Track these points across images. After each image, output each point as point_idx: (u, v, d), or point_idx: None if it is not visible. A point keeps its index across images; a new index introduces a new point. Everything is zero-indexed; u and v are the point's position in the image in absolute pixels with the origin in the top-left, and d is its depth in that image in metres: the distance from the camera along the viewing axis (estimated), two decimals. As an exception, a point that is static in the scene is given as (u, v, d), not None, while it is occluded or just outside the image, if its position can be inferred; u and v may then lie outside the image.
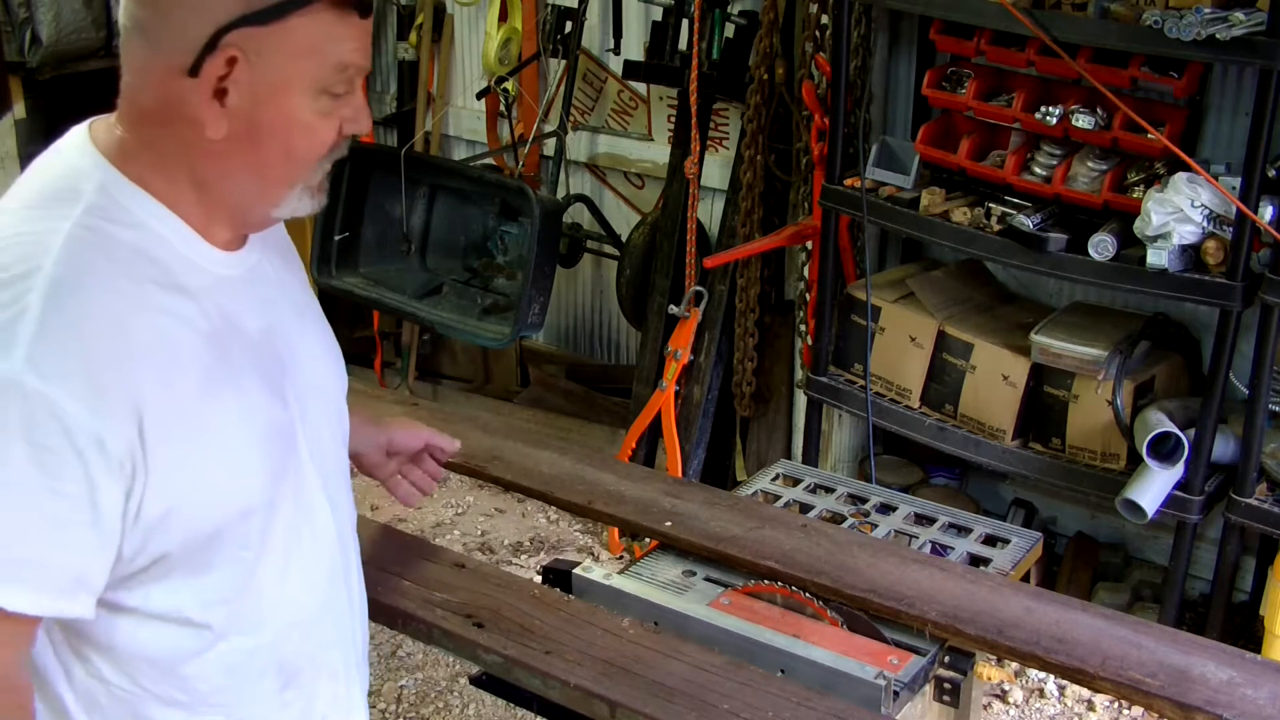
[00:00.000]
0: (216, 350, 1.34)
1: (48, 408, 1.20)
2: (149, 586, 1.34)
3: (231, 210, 1.38)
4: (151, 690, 1.39)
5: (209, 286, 1.36)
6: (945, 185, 3.32)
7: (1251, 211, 2.74)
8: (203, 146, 1.32)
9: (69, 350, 1.22)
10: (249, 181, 1.35)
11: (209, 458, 1.32)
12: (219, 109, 1.29)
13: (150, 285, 1.30)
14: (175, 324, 1.31)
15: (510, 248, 4.43)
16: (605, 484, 2.31)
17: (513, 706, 2.67)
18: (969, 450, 3.36)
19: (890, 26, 3.71)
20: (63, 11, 4.66)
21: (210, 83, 1.28)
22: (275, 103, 1.30)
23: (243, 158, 1.33)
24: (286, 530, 1.44)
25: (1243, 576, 3.38)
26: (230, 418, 1.35)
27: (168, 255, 1.33)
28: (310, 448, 1.48)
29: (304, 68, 1.30)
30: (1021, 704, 3.27)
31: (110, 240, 1.29)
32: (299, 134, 1.33)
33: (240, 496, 1.37)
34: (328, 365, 1.56)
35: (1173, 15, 2.67)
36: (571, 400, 4.71)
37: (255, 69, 1.28)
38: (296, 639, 1.49)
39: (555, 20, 4.33)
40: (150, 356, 1.27)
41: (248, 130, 1.31)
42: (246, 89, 1.29)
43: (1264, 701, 1.70)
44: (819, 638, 1.89)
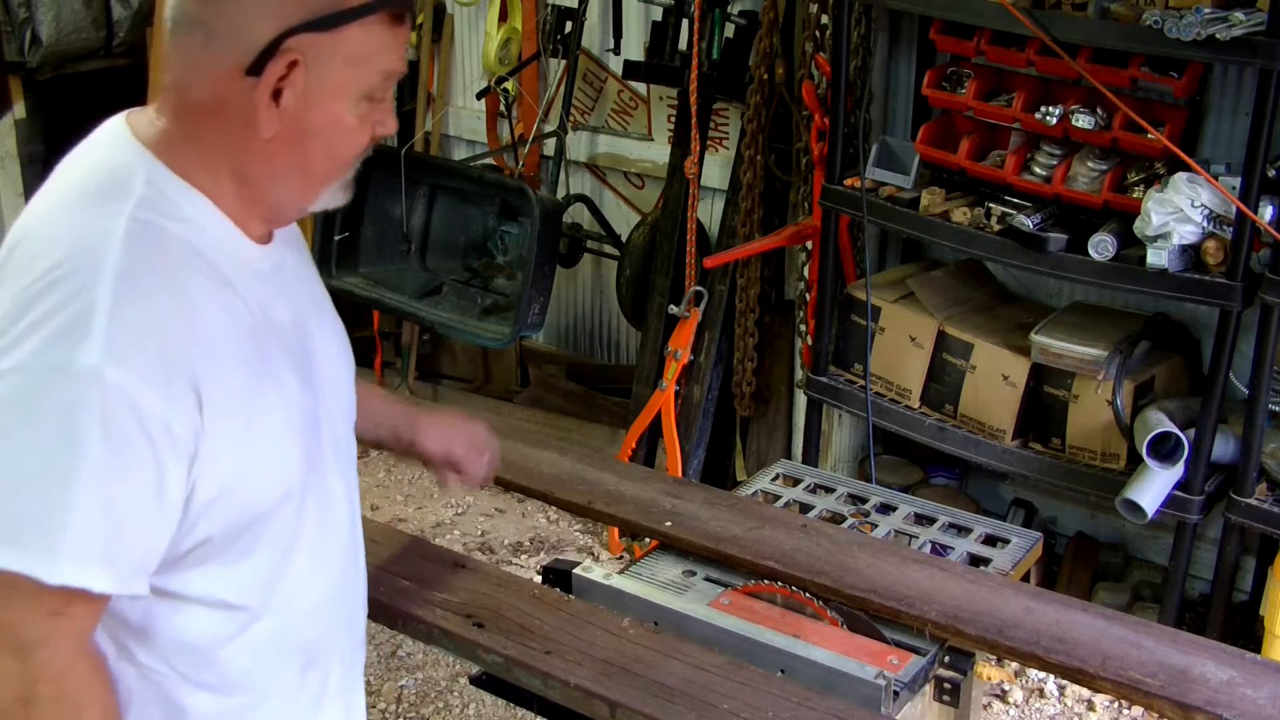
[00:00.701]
0: (256, 342, 1.38)
1: (124, 397, 1.24)
2: (189, 572, 1.38)
3: (269, 206, 1.42)
4: (184, 674, 1.42)
5: (247, 280, 1.40)
6: (945, 185, 3.32)
7: (1251, 211, 2.74)
8: (251, 144, 1.35)
9: (142, 340, 1.26)
10: (291, 179, 1.40)
11: (255, 445, 1.37)
12: (274, 109, 1.33)
13: (200, 278, 1.34)
14: (223, 316, 1.35)
15: (510, 248, 4.43)
16: (605, 484, 2.31)
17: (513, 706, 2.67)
18: (969, 450, 3.36)
19: (890, 26, 3.72)
20: (63, 11, 4.66)
21: (270, 84, 1.31)
22: (324, 106, 1.35)
23: (288, 157, 1.37)
24: (314, 516, 1.49)
25: (1243, 576, 3.38)
26: (272, 407, 1.40)
27: (213, 249, 1.37)
28: (332, 438, 1.53)
29: (356, 74, 1.35)
30: (1021, 704, 3.27)
31: (163, 234, 1.33)
32: (341, 136, 1.38)
33: (281, 483, 1.42)
34: (342, 356, 1.61)
35: (1173, 15, 2.67)
36: (571, 400, 4.71)
37: (311, 73, 1.33)
38: (317, 621, 1.54)
39: (555, 20, 4.34)
40: (205, 346, 1.31)
41: (296, 131, 1.35)
42: (300, 92, 1.33)
43: (1264, 701, 1.70)
44: (819, 638, 1.89)
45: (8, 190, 4.82)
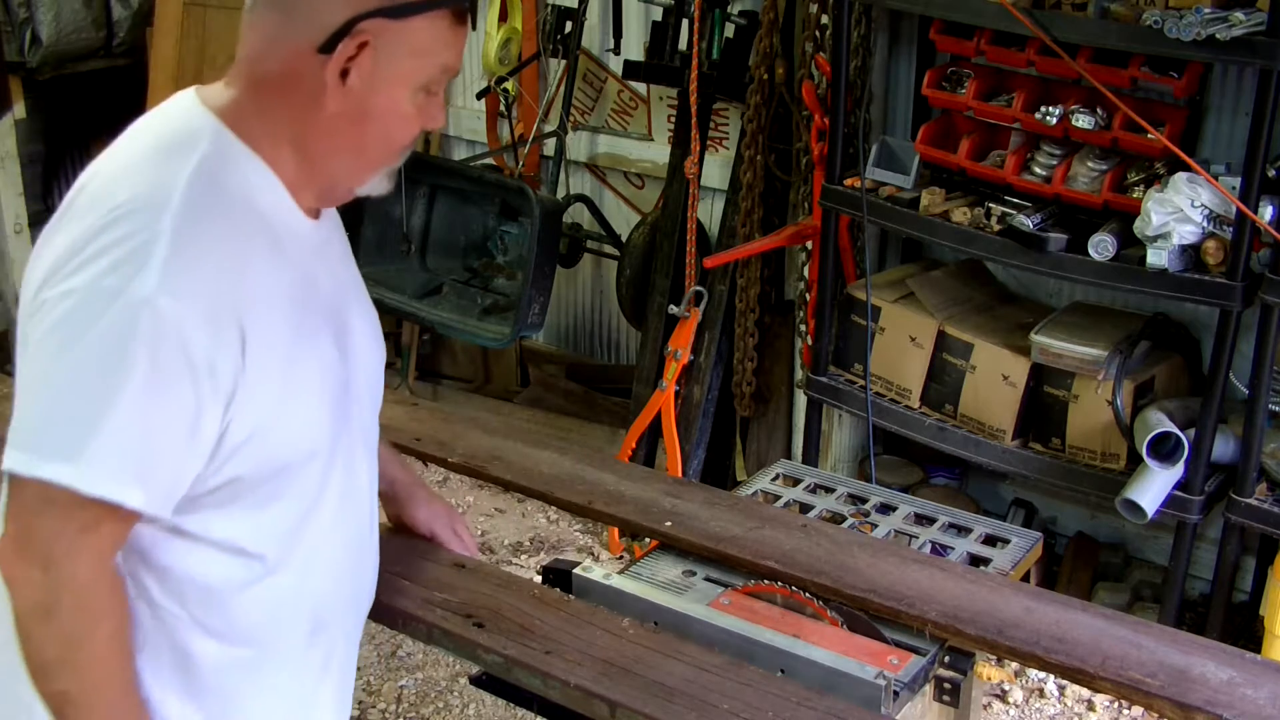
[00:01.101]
0: (302, 302, 1.47)
1: (174, 327, 1.31)
2: (210, 513, 1.44)
3: (323, 181, 1.51)
4: (196, 617, 1.47)
5: (297, 246, 1.49)
6: (945, 185, 3.32)
7: (1251, 211, 2.74)
8: (315, 118, 1.44)
9: (197, 277, 1.34)
10: (348, 158, 1.49)
11: (290, 397, 1.44)
12: (340, 87, 1.42)
13: (257, 235, 1.43)
14: (275, 273, 1.43)
15: (510, 248, 4.43)
16: (605, 484, 2.31)
17: (513, 706, 2.67)
18: (969, 450, 3.36)
19: (890, 26, 3.72)
20: (63, 11, 4.66)
21: (340, 62, 1.40)
22: (386, 91, 1.44)
23: (347, 134, 1.46)
24: (338, 482, 1.56)
25: (1243, 576, 3.38)
26: (309, 366, 1.47)
27: (269, 211, 1.46)
28: (356, 412, 1.60)
29: (418, 65, 1.44)
30: (1021, 704, 3.27)
31: (225, 188, 1.41)
32: (398, 122, 1.47)
33: (309, 437, 1.49)
34: (373, 338, 1.67)
35: (1173, 15, 2.67)
36: (571, 400, 4.71)
37: (379, 57, 1.41)
38: (330, 589, 1.60)
39: (555, 20, 4.34)
40: (254, 293, 1.39)
41: (358, 111, 1.44)
42: (367, 74, 1.42)
43: (1264, 701, 1.70)
44: (819, 638, 1.89)
45: (8, 190, 4.82)
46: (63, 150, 5.30)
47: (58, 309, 1.32)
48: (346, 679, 1.73)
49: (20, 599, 1.35)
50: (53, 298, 1.33)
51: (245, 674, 1.53)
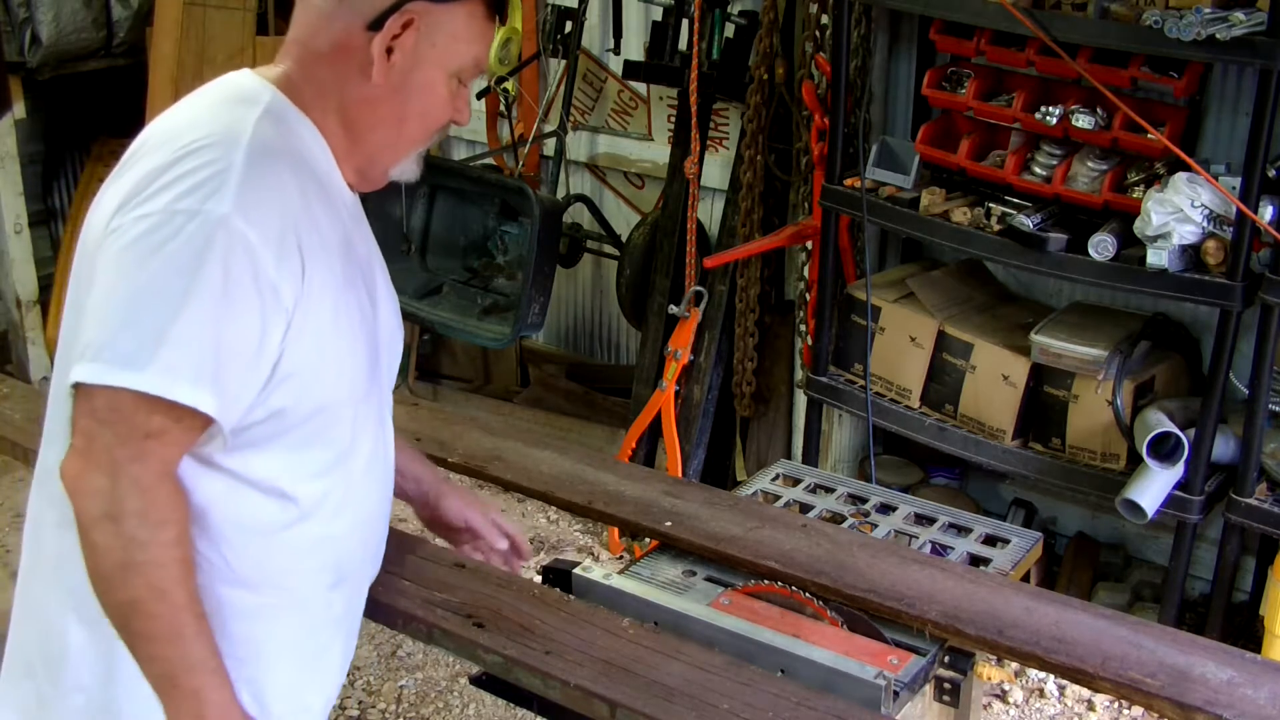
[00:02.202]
0: (346, 258, 1.57)
1: (246, 248, 1.39)
2: (251, 452, 1.50)
3: (364, 153, 1.61)
4: (229, 561, 1.52)
5: (341, 207, 1.59)
6: (945, 185, 3.32)
7: (1251, 211, 2.74)
8: (360, 90, 1.55)
9: (268, 204, 1.43)
10: (388, 130, 1.59)
11: (336, 336, 1.53)
12: (385, 62, 1.53)
13: (311, 184, 1.53)
14: (327, 221, 1.53)
15: (510, 248, 4.42)
16: (605, 484, 2.31)
17: (513, 706, 2.67)
18: (969, 450, 3.36)
19: (890, 26, 3.72)
20: (63, 11, 4.66)
21: (387, 37, 1.52)
22: (425, 71, 1.56)
23: (389, 107, 1.57)
24: (370, 435, 1.65)
25: (1243, 576, 3.38)
26: (352, 313, 1.56)
27: (320, 169, 1.57)
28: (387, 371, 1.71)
29: (454, 50, 1.56)
30: (1021, 704, 3.27)
31: (287, 138, 1.52)
32: (435, 102, 1.59)
33: (347, 381, 1.57)
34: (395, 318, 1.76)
35: (1173, 15, 2.67)
36: (571, 400, 4.71)
37: (421, 37, 1.53)
38: (355, 541, 1.69)
39: (555, 20, 4.33)
40: (316, 232, 1.49)
41: (400, 86, 1.56)
42: (410, 52, 1.54)
43: (1264, 701, 1.70)
44: (819, 638, 1.89)
45: (8, 190, 4.82)
46: (63, 150, 5.30)
47: (133, 230, 1.39)
48: (352, 637, 1.77)
49: (86, 508, 1.39)
50: (127, 223, 1.40)
51: (268, 622, 1.57)
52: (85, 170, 5.16)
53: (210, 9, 4.65)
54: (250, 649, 1.55)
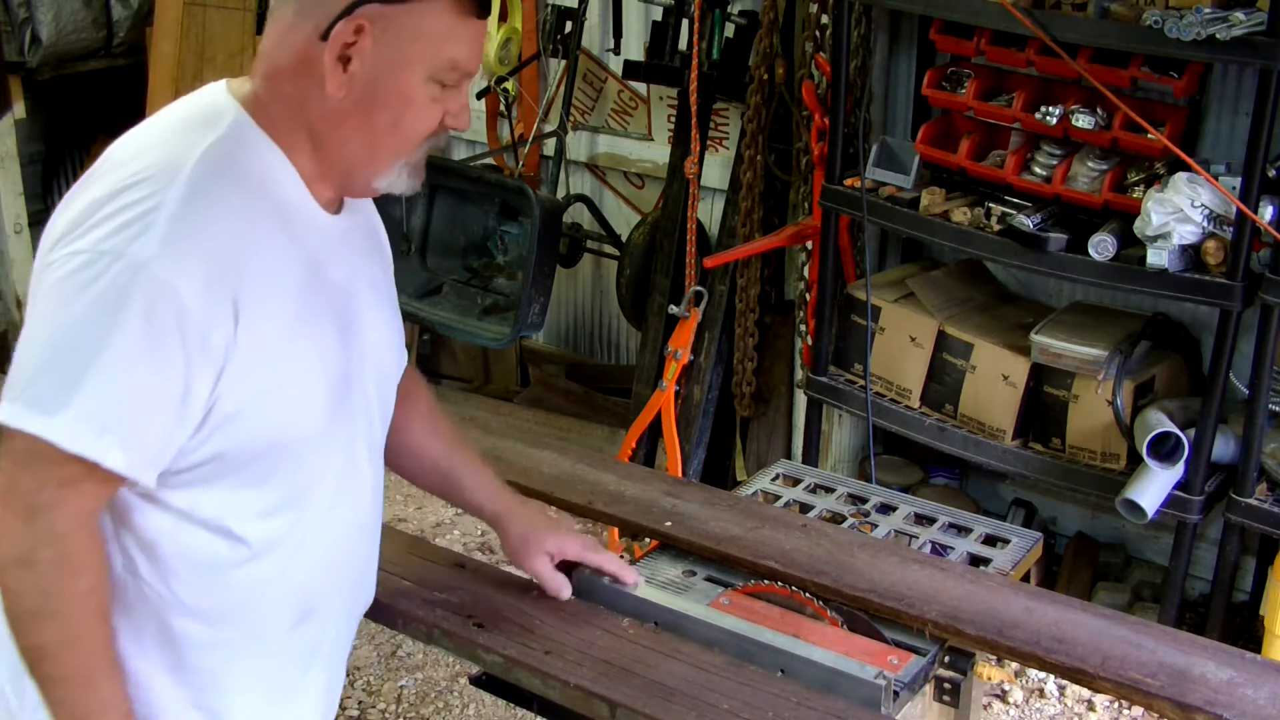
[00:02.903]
0: (308, 287, 1.49)
1: (170, 294, 1.34)
2: (199, 489, 1.45)
3: (340, 170, 1.53)
4: (180, 595, 1.48)
5: (307, 235, 1.51)
6: (945, 185, 3.32)
7: (1251, 211, 2.74)
8: (325, 105, 1.47)
9: (196, 246, 1.37)
10: (360, 145, 1.50)
11: (283, 377, 1.46)
12: (341, 72, 1.44)
13: (265, 216, 1.46)
14: (280, 254, 1.46)
15: (510, 248, 4.42)
16: (605, 484, 2.31)
17: (513, 706, 2.67)
18: (969, 450, 3.36)
19: (890, 26, 3.71)
20: (63, 11, 4.66)
21: (337, 46, 1.43)
22: (392, 77, 1.46)
23: (357, 121, 1.48)
24: (334, 473, 1.58)
25: (1243, 576, 3.38)
26: (307, 350, 1.49)
27: (281, 195, 1.49)
28: (363, 407, 1.62)
29: (420, 52, 1.45)
30: (1021, 704, 3.27)
31: (239, 167, 1.45)
32: (409, 112, 1.48)
33: (300, 423, 1.50)
34: (388, 343, 1.69)
35: (1173, 15, 2.67)
36: (571, 400, 4.71)
37: (379, 43, 1.44)
38: (320, 578, 1.60)
39: (555, 20, 4.33)
40: (258, 271, 1.42)
41: (365, 97, 1.46)
42: (369, 59, 1.44)
43: (1264, 701, 1.70)
44: (819, 638, 1.89)
45: (8, 190, 4.83)
46: (63, 150, 5.31)
47: (64, 267, 1.35)
48: (337, 669, 1.73)
49: (2, 550, 1.37)
50: (60, 258, 1.36)
51: (229, 655, 1.54)
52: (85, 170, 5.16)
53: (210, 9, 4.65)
54: (208, 678, 1.53)
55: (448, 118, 1.52)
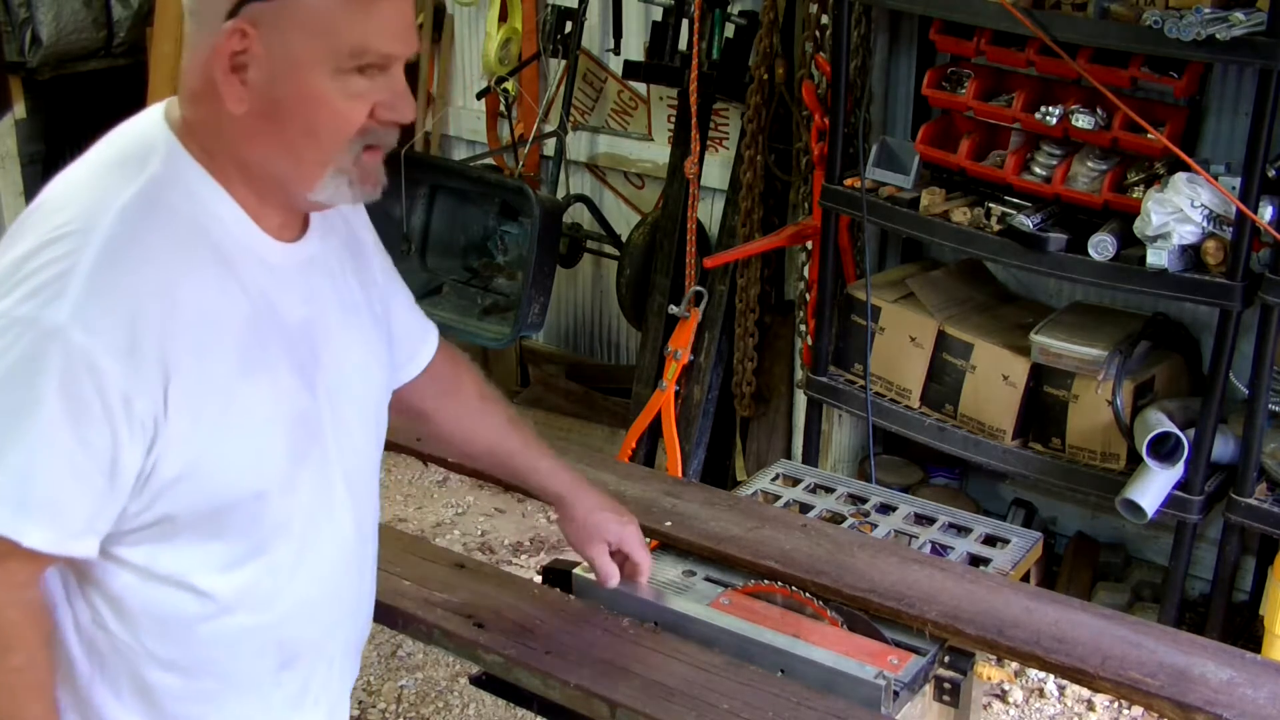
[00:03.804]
0: (254, 333, 1.38)
1: (86, 362, 1.25)
2: (156, 545, 1.38)
3: (275, 190, 1.40)
4: (151, 649, 1.42)
5: (255, 271, 1.39)
6: (945, 185, 3.32)
7: (1251, 211, 2.74)
8: (235, 124, 1.34)
9: (113, 309, 1.27)
10: (280, 160, 1.37)
11: (231, 433, 1.36)
12: (238, 84, 1.32)
13: (200, 259, 1.35)
14: (219, 300, 1.35)
15: (510, 248, 4.43)
16: (605, 484, 2.30)
17: (513, 706, 2.67)
18: (969, 450, 3.36)
19: (890, 26, 3.71)
20: (63, 11, 4.66)
21: (224, 57, 1.30)
22: (292, 79, 1.32)
23: (270, 135, 1.35)
24: (304, 517, 1.47)
25: (1243, 576, 3.38)
26: (259, 399, 1.38)
27: (221, 234, 1.37)
28: (336, 441, 1.51)
29: (317, 46, 1.31)
30: (1021, 704, 3.27)
31: (169, 210, 1.34)
32: (321, 113, 1.34)
33: (255, 477, 1.40)
34: (365, 365, 1.57)
35: (1173, 15, 2.67)
36: (571, 400, 4.71)
37: (269, 45, 1.30)
38: (300, 624, 1.52)
39: (555, 20, 4.33)
40: (190, 326, 1.31)
41: (269, 107, 1.33)
42: (264, 65, 1.31)
43: (1264, 701, 1.70)
44: (819, 638, 1.89)
45: (8, 190, 4.83)
46: (63, 150, 5.30)
47: None
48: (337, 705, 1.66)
49: None
50: None
51: (208, 705, 1.48)
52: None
53: (210, 9, 4.64)
54: None
55: (380, 110, 1.36)
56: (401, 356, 1.75)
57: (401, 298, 1.74)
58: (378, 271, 1.66)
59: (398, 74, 1.37)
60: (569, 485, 1.94)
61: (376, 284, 1.64)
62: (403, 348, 1.75)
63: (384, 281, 1.68)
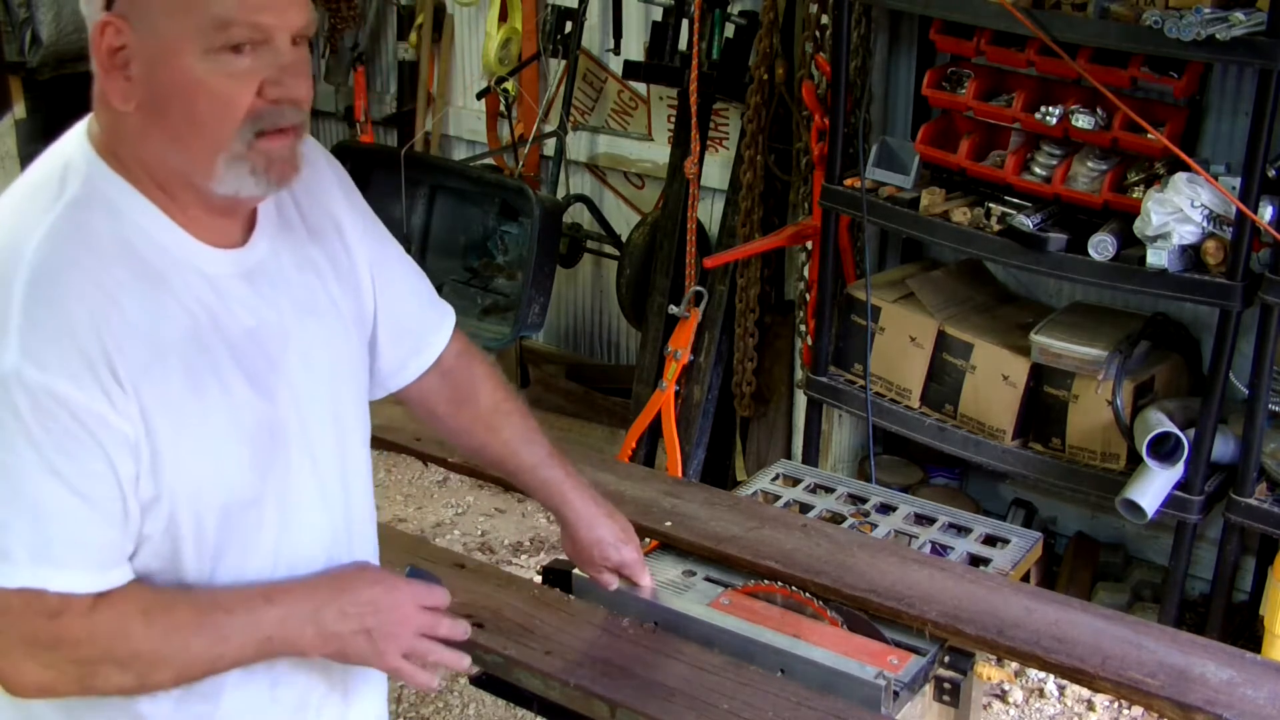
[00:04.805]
0: (197, 345, 1.33)
1: (51, 396, 1.22)
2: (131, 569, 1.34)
3: (183, 188, 1.33)
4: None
5: (192, 282, 1.34)
6: (945, 185, 3.32)
7: (1251, 211, 2.74)
8: (127, 124, 1.30)
9: (57, 338, 1.23)
10: (172, 153, 1.31)
11: (192, 450, 1.32)
12: (122, 81, 1.28)
13: (128, 275, 1.29)
14: (156, 318, 1.30)
15: (510, 248, 4.43)
16: (605, 484, 2.31)
17: (513, 706, 2.67)
18: (969, 450, 3.36)
19: (890, 26, 3.71)
20: (63, 11, 4.66)
21: (103, 53, 1.27)
22: (166, 65, 1.26)
23: (157, 129, 1.30)
24: (275, 528, 1.43)
25: (1243, 576, 3.38)
26: (214, 413, 1.34)
27: (147, 247, 1.32)
28: (307, 447, 1.46)
29: (181, 25, 1.25)
30: (1021, 704, 3.27)
31: (90, 231, 1.29)
32: (200, 97, 1.27)
33: (221, 492, 1.36)
34: (333, 365, 1.51)
35: (1173, 15, 2.67)
36: (571, 400, 4.71)
37: (139, 33, 1.26)
38: None
39: (555, 20, 4.34)
40: (133, 347, 1.27)
41: (151, 98, 1.28)
42: (140, 55, 1.27)
43: (1264, 701, 1.70)
44: (819, 638, 1.89)
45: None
46: (62, 150, 5.30)
47: None
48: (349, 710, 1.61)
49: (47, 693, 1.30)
50: None
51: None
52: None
53: (210, 9, 4.65)
54: None
55: (267, 88, 1.29)
56: (403, 351, 1.69)
57: (402, 287, 1.66)
58: (362, 265, 1.57)
59: (283, 48, 1.30)
60: (572, 505, 1.90)
61: (355, 278, 1.56)
62: (403, 343, 1.69)
63: (375, 274, 1.59)
